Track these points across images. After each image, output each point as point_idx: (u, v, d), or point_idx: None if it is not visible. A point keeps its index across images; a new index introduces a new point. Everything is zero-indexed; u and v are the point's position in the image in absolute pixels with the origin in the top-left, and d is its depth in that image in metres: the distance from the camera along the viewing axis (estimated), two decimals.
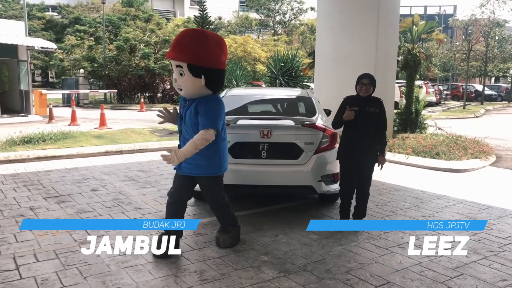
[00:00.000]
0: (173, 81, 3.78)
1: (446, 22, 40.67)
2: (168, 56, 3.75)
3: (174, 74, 3.77)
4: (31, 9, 42.14)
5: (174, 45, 3.72)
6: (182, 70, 3.67)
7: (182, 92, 3.80)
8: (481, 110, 24.60)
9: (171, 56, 3.72)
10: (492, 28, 28.38)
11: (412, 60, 12.11)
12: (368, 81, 4.50)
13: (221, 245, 4.12)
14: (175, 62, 3.70)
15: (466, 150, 9.12)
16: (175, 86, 3.79)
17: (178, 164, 3.76)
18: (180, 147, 3.82)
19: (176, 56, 3.68)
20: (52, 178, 6.90)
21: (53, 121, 14.34)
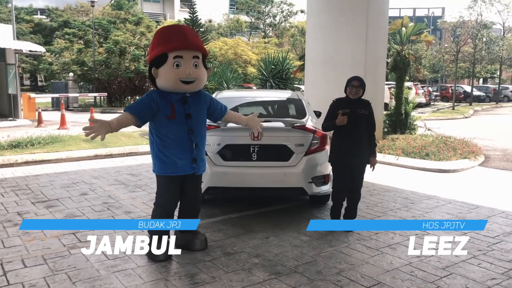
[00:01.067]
0: (185, 74, 3.61)
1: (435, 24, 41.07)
2: (188, 47, 3.62)
3: (185, 67, 3.61)
4: (19, 12, 41.81)
5: (189, 35, 3.70)
6: (198, 61, 3.71)
7: (193, 84, 3.70)
8: (470, 111, 24.86)
9: (195, 46, 3.66)
10: (480, 30, 28.69)
11: (402, 61, 12.21)
12: (358, 84, 4.53)
13: (198, 247, 4.04)
14: (192, 53, 3.65)
15: (455, 151, 9.20)
16: (186, 78, 3.63)
17: (195, 165, 3.83)
18: (197, 145, 3.80)
19: (199, 46, 3.71)
20: (40, 182, 6.82)
21: (42, 125, 14.19)
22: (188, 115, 3.75)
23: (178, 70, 3.62)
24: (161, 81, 3.68)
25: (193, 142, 3.78)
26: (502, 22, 32.34)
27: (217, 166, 4.88)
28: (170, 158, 3.75)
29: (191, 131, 3.76)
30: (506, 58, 33.09)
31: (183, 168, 3.78)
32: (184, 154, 3.77)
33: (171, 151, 3.74)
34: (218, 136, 4.90)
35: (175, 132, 3.73)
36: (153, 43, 3.74)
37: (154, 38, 3.78)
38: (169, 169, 3.77)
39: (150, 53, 3.76)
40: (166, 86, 3.69)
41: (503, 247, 4.25)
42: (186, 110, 3.75)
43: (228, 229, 4.71)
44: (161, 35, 3.76)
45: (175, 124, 3.72)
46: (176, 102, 3.73)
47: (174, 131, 3.73)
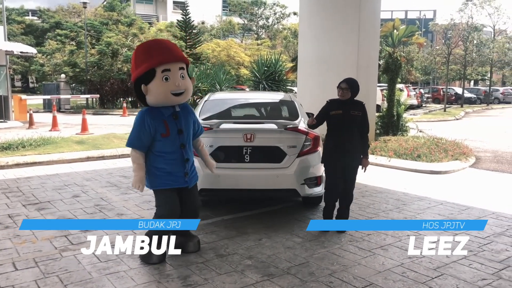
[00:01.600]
0: (174, 86, 3.61)
1: (427, 26, 41.40)
2: (173, 59, 3.63)
3: (173, 79, 3.61)
4: (10, 13, 41.49)
5: (172, 48, 3.73)
6: (184, 72, 3.73)
7: (183, 96, 3.70)
8: (461, 112, 25.06)
9: (179, 57, 3.68)
10: (471, 32, 28.96)
11: (393, 63, 12.28)
12: (345, 86, 4.55)
13: (191, 249, 4.06)
14: (178, 65, 3.67)
15: (446, 152, 9.27)
16: (176, 90, 3.63)
17: (188, 179, 3.88)
18: (188, 160, 3.85)
19: (182, 57, 3.73)
20: (32, 184, 6.77)
21: (34, 127, 14.09)
22: (180, 131, 3.77)
23: (168, 84, 3.61)
24: (152, 97, 3.65)
25: (185, 157, 3.82)
26: (492, 24, 32.68)
27: None
28: (164, 172, 3.77)
29: (183, 146, 3.80)
30: (496, 60, 33.44)
31: (176, 181, 3.82)
32: (177, 169, 3.80)
33: (165, 166, 3.76)
34: (210, 137, 4.89)
35: (169, 148, 3.75)
36: (136, 60, 3.68)
37: (135, 56, 3.71)
38: (163, 182, 3.79)
39: (134, 71, 3.68)
40: (158, 101, 3.67)
41: (494, 248, 4.29)
42: (178, 126, 3.77)
43: (220, 231, 4.71)
44: (143, 51, 3.70)
45: (169, 141, 3.74)
46: (168, 118, 3.73)
47: (168, 147, 3.75)
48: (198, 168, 4.82)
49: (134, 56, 3.74)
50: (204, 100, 5.99)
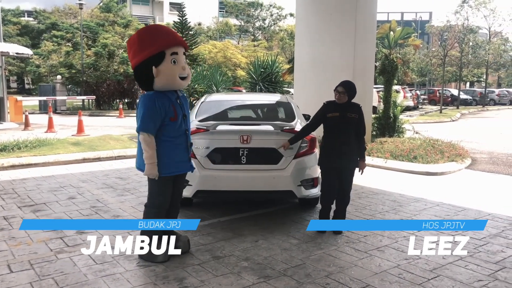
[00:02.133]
0: (181, 69, 3.69)
1: (423, 28, 41.56)
2: (180, 43, 3.73)
3: (180, 62, 3.69)
4: (6, 14, 41.31)
5: (174, 32, 3.85)
6: (185, 58, 3.82)
7: (186, 80, 3.78)
8: (457, 114, 25.16)
9: (183, 42, 3.78)
10: (466, 34, 29.09)
11: (390, 65, 12.31)
12: (342, 90, 4.56)
13: (182, 249, 4.00)
14: (183, 49, 3.77)
15: (442, 154, 9.29)
16: (182, 74, 3.71)
17: (191, 163, 3.99)
18: (192, 145, 4.01)
19: (185, 42, 3.83)
20: (27, 186, 6.74)
21: (29, 128, 14.03)
22: (184, 116, 3.86)
23: (176, 67, 3.67)
24: (162, 79, 3.64)
25: (189, 141, 3.93)
26: (488, 26, 32.83)
27: (206, 170, 4.87)
28: (172, 159, 3.78)
29: (188, 131, 3.91)
30: (492, 62, 33.60)
31: (183, 167, 3.89)
32: (184, 154, 3.87)
33: (174, 152, 3.79)
34: (207, 139, 4.89)
35: (176, 133, 3.77)
36: (141, 44, 3.64)
37: (139, 40, 3.67)
38: (171, 169, 3.79)
39: (139, 55, 3.63)
40: (167, 84, 3.69)
41: (490, 249, 4.30)
42: (182, 111, 3.85)
43: (217, 232, 4.70)
44: (149, 34, 3.70)
45: (176, 126, 3.77)
46: (174, 102, 3.78)
47: (175, 132, 3.76)
48: (194, 170, 4.82)
49: (137, 39, 3.69)
50: (200, 102, 5.99)
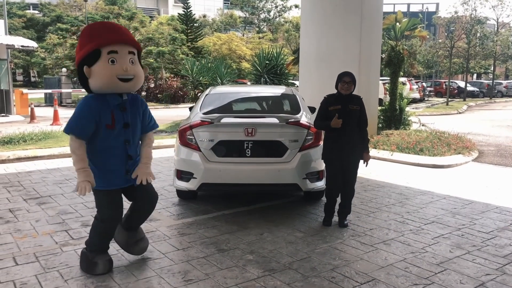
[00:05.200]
0: (122, 70, 3.23)
1: (429, 19, 41.14)
2: (121, 41, 3.26)
3: (121, 62, 3.24)
4: (11, 7, 41.31)
5: (121, 30, 3.37)
6: (134, 58, 3.34)
7: (131, 82, 3.30)
8: (463, 106, 24.96)
9: (128, 40, 3.31)
10: (474, 25, 28.76)
11: (396, 57, 12.19)
12: (349, 79, 4.50)
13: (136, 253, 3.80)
14: (127, 48, 3.29)
15: (449, 146, 9.22)
16: (123, 75, 3.24)
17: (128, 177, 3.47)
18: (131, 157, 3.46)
19: (133, 41, 3.36)
20: (33, 179, 6.76)
21: (35, 121, 14.09)
22: (126, 125, 3.39)
23: (114, 67, 3.21)
24: (96, 80, 3.24)
25: (128, 153, 3.44)
26: (496, 17, 32.45)
27: (211, 163, 4.85)
28: (103, 171, 3.39)
29: (127, 142, 3.43)
30: (499, 53, 33.23)
31: (117, 181, 3.45)
32: (118, 167, 3.44)
33: (106, 162, 3.40)
34: (211, 132, 4.86)
35: (111, 143, 3.37)
36: (81, 41, 3.32)
37: (81, 37, 3.37)
38: (103, 183, 3.40)
39: (78, 53, 3.30)
40: (102, 86, 3.26)
41: (497, 243, 4.25)
42: (124, 119, 3.39)
43: (222, 225, 4.68)
44: (91, 31, 3.34)
45: (112, 135, 3.35)
46: (115, 108, 3.36)
47: (110, 142, 3.36)
48: (198, 162, 4.81)
49: (80, 37, 3.38)
50: (205, 94, 5.95)
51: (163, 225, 4.68)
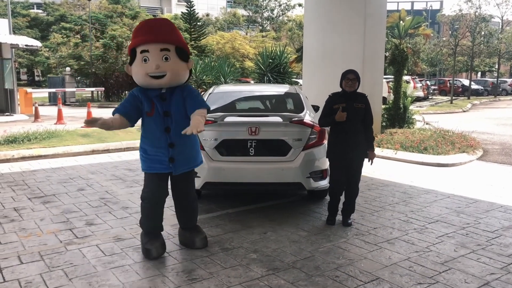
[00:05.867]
0: (153, 68, 3.47)
1: (433, 17, 40.99)
2: (152, 40, 3.47)
3: (152, 61, 3.48)
4: (15, 6, 41.46)
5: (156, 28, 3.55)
6: (168, 54, 3.53)
7: (164, 79, 3.52)
8: (468, 104, 24.84)
9: (160, 38, 3.49)
10: (478, 23, 28.62)
11: (400, 55, 12.16)
12: (353, 76, 4.49)
13: (198, 246, 4.00)
14: (159, 46, 3.49)
15: (453, 145, 9.18)
16: (154, 72, 3.48)
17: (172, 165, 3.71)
18: (174, 144, 3.66)
19: (166, 38, 3.53)
20: (37, 178, 6.78)
21: (39, 120, 14.12)
22: (166, 113, 3.62)
23: (146, 65, 3.50)
24: (134, 78, 3.63)
25: (169, 141, 3.66)
26: (500, 15, 32.28)
27: (214, 161, 4.85)
28: (148, 155, 3.72)
29: (168, 130, 3.64)
30: (504, 51, 33.06)
31: (158, 166, 3.71)
32: (160, 153, 3.68)
33: (149, 149, 3.71)
34: (215, 131, 4.86)
35: (152, 130, 3.66)
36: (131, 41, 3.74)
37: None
38: (148, 165, 3.75)
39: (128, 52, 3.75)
40: (138, 83, 3.62)
41: (502, 242, 4.24)
42: (164, 108, 3.62)
43: (225, 224, 4.69)
44: (133, 31, 3.71)
45: (152, 122, 3.63)
46: (155, 98, 3.63)
47: (151, 129, 3.66)
48: (203, 161, 4.80)
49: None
50: (208, 93, 5.95)
51: (167, 224, 4.68)
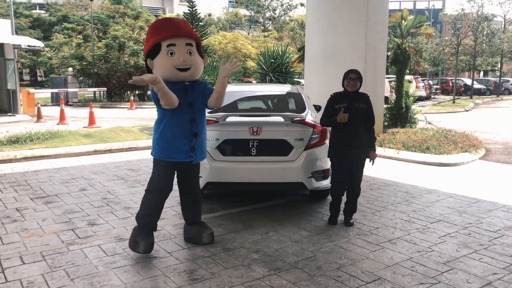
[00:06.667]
0: (180, 61, 3.63)
1: (436, 16, 40.90)
2: (179, 34, 3.66)
3: (179, 54, 3.64)
4: (17, 7, 41.51)
5: (180, 24, 3.76)
6: (191, 49, 3.72)
7: (189, 71, 3.70)
8: (470, 104, 24.77)
9: (186, 33, 3.70)
10: (481, 22, 28.53)
11: (402, 55, 12.13)
12: (355, 76, 4.49)
13: (205, 241, 4.08)
14: (185, 40, 3.69)
15: (456, 144, 9.16)
16: (181, 65, 3.65)
17: (193, 154, 3.83)
18: (197, 135, 3.83)
19: (191, 33, 3.75)
20: (39, 178, 6.80)
21: (42, 120, 14.16)
22: (190, 104, 3.78)
23: (173, 58, 3.65)
24: (158, 71, 3.67)
25: (194, 131, 3.82)
26: (503, 14, 32.18)
27: (216, 161, 4.85)
28: (171, 144, 3.77)
29: (193, 120, 3.81)
30: (507, 50, 32.93)
31: (181, 155, 3.81)
32: (184, 142, 3.80)
33: (173, 137, 3.77)
34: (217, 131, 4.86)
35: (179, 119, 3.76)
36: (147, 37, 3.80)
37: (147, 33, 3.83)
38: (167, 153, 3.80)
39: (145, 47, 3.80)
40: (163, 76, 3.64)
41: (505, 242, 4.22)
42: (188, 99, 3.78)
43: (227, 224, 4.69)
44: (153, 28, 3.80)
45: (180, 111, 3.73)
46: (179, 91, 3.74)
47: (178, 117, 3.75)
48: (204, 162, 4.81)
49: (147, 33, 3.84)
50: None
51: (168, 224, 4.69)
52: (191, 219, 4.17)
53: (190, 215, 4.16)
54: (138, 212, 3.95)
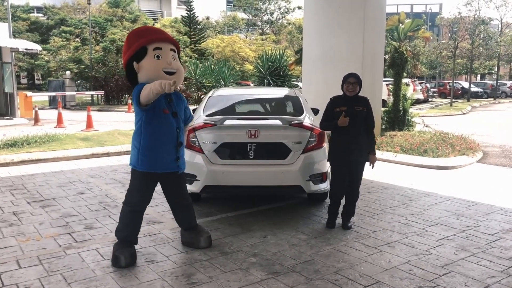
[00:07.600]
0: (166, 63, 3.63)
1: (433, 20, 41.05)
2: (164, 39, 3.70)
3: (165, 57, 3.64)
4: (15, 10, 41.50)
5: (161, 31, 3.89)
6: (175, 55, 3.76)
7: (175, 76, 3.67)
8: (467, 107, 24.86)
9: (170, 39, 3.76)
10: (478, 25, 28.67)
11: (399, 58, 12.16)
12: (354, 80, 4.49)
13: (203, 245, 4.07)
14: (169, 45, 3.73)
15: (453, 147, 9.18)
16: (168, 68, 3.64)
17: (178, 163, 3.84)
18: (182, 144, 3.84)
19: (173, 40, 3.81)
20: (37, 182, 6.77)
21: (39, 123, 14.12)
22: (174, 114, 3.76)
23: (159, 61, 3.64)
24: (144, 74, 3.63)
25: (179, 140, 3.80)
26: (500, 17, 32.33)
27: (214, 165, 4.84)
28: (154, 154, 3.70)
29: (179, 129, 3.79)
30: (503, 54, 33.11)
31: (168, 165, 3.78)
32: (172, 152, 3.77)
33: (158, 147, 3.70)
34: (214, 134, 4.86)
35: (165, 129, 3.70)
36: (128, 43, 3.70)
37: (127, 40, 3.73)
38: (153, 164, 3.72)
39: (125, 53, 3.70)
40: (149, 79, 3.57)
41: (502, 245, 4.22)
42: (173, 108, 3.77)
43: (225, 228, 4.68)
44: (136, 33, 3.78)
45: (165, 120, 3.70)
46: (164, 99, 3.71)
47: (164, 127, 3.70)
48: (202, 165, 4.81)
49: (126, 40, 3.76)
50: (208, 96, 5.95)
51: (166, 228, 4.68)
52: (186, 225, 4.14)
53: (185, 221, 4.12)
54: (117, 226, 3.86)
